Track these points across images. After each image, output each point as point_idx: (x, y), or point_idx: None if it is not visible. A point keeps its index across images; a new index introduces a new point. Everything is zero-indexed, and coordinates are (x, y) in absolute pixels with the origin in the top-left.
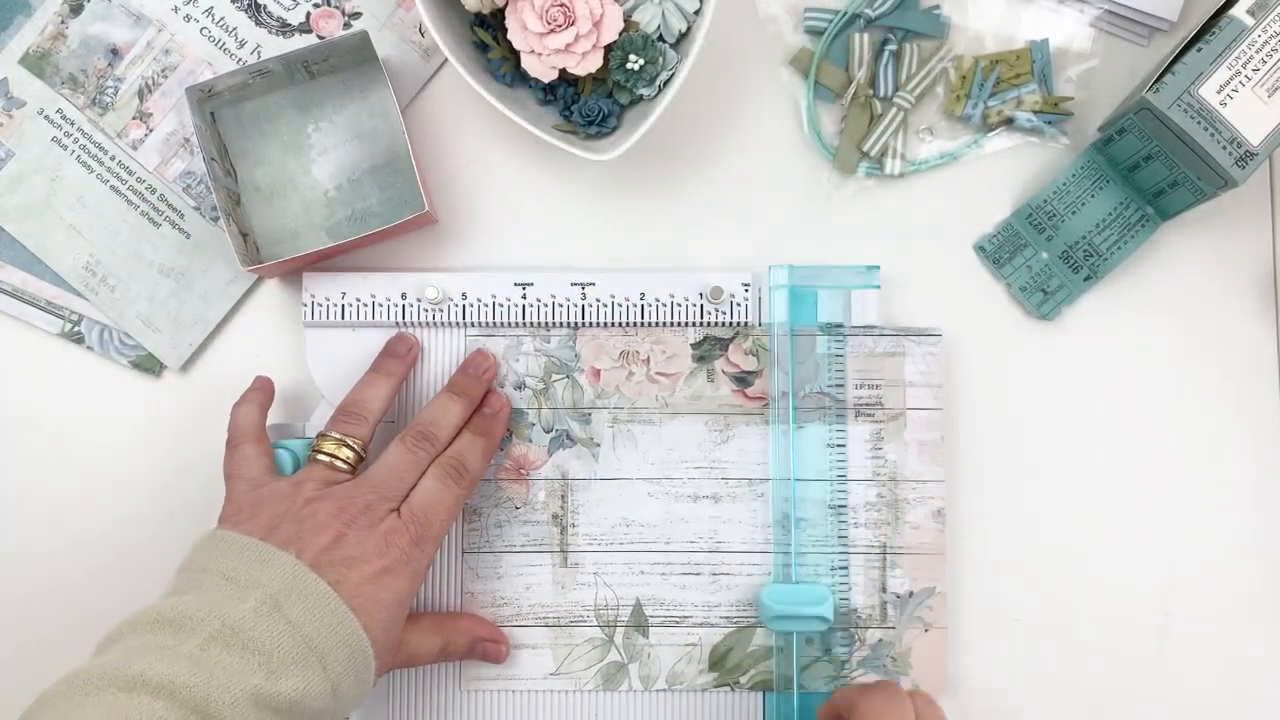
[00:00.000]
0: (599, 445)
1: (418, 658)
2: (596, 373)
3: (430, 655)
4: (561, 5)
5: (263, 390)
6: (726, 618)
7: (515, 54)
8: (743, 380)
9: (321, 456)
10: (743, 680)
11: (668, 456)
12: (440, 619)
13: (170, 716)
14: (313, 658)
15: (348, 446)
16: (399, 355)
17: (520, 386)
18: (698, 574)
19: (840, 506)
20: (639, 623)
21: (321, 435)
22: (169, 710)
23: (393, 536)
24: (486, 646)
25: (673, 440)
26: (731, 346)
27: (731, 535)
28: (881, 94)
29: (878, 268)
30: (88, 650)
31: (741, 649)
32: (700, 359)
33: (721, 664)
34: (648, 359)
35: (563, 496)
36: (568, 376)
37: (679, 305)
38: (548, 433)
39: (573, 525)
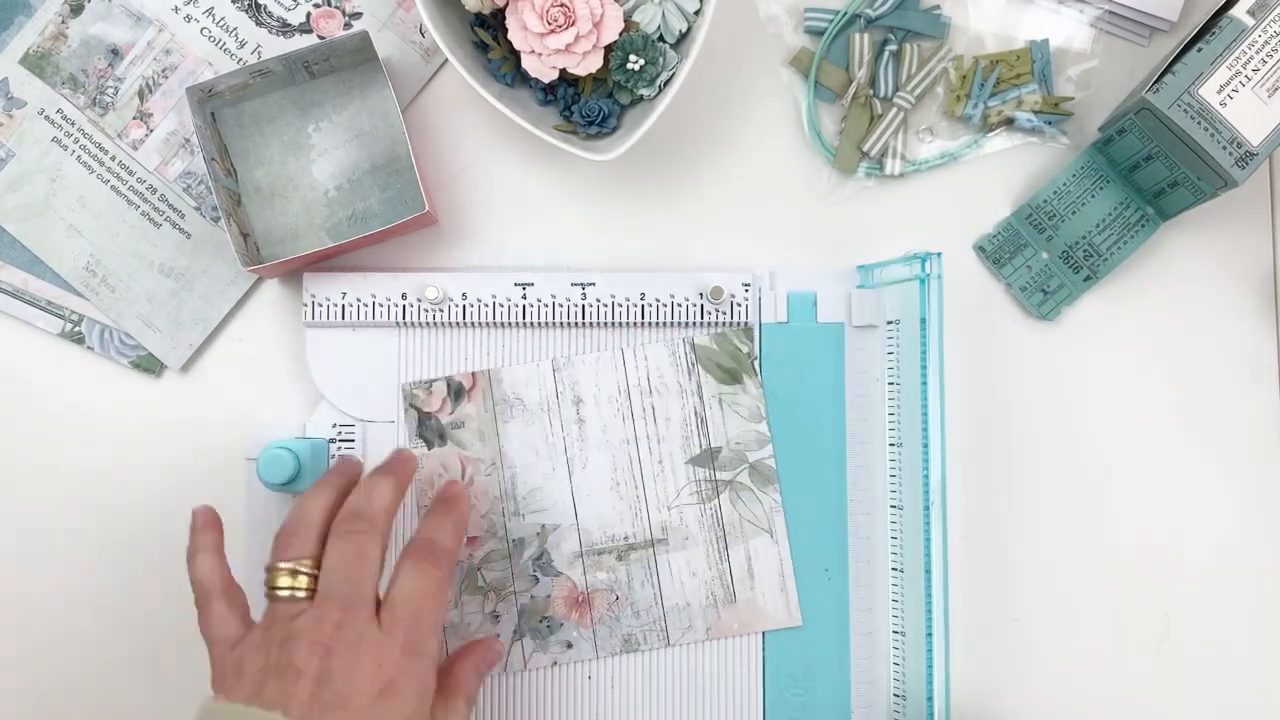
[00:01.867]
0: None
1: None
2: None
3: (463, 716)
4: (562, 5)
5: (210, 528)
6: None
7: (515, 54)
8: None
9: (281, 592)
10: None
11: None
12: (444, 685)
13: None
14: None
15: (301, 572)
16: (343, 472)
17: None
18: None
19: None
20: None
21: (270, 569)
22: None
23: (380, 653)
24: (488, 660)
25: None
26: None
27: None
28: (881, 94)
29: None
30: (87, 651)
31: None
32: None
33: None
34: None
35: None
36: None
37: (679, 305)
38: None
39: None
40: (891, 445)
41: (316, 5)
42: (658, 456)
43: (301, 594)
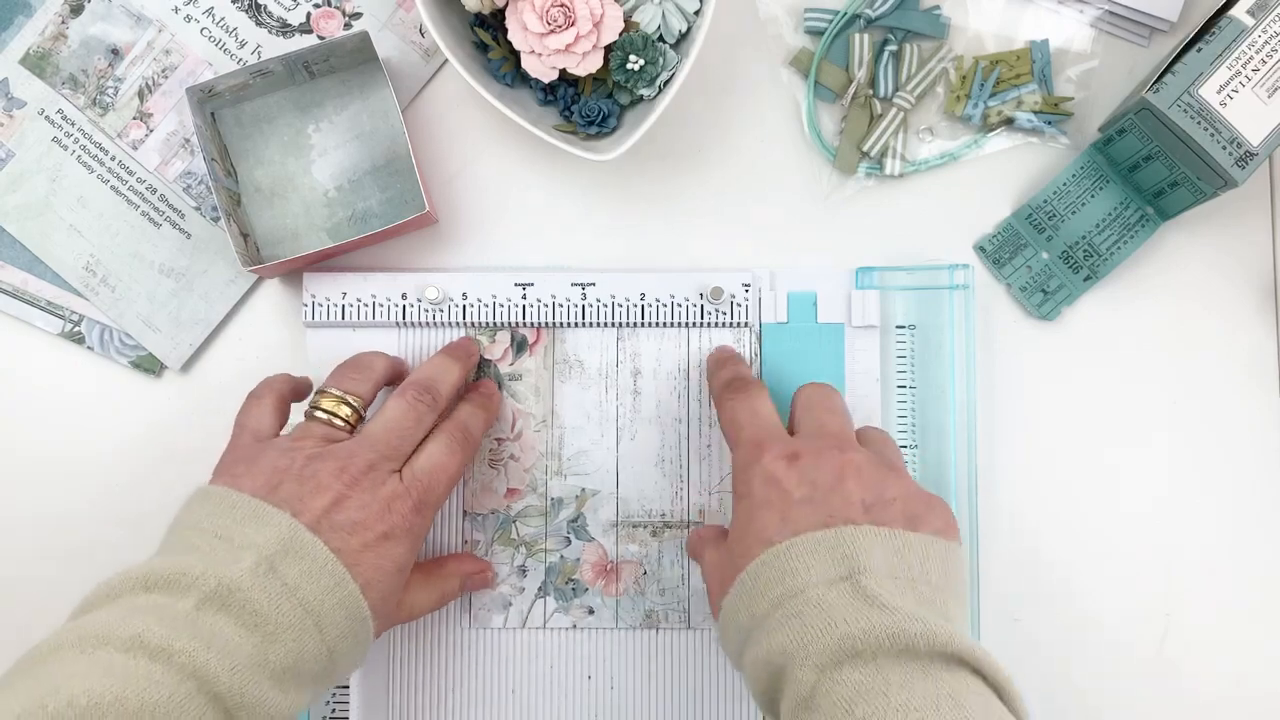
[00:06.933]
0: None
1: (417, 612)
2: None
3: (428, 607)
4: (562, 5)
5: (304, 382)
6: None
7: (515, 54)
8: None
9: (319, 414)
10: None
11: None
12: (429, 569)
13: (166, 681)
14: (309, 621)
15: (347, 404)
16: (394, 365)
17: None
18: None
19: None
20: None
21: (320, 391)
22: (165, 674)
23: (395, 502)
24: (475, 579)
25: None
26: None
27: None
28: (881, 94)
29: (968, 266)
30: None
31: None
32: None
33: None
34: None
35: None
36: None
37: (679, 305)
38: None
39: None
40: (903, 448)
41: (316, 5)
42: (707, 440)
43: (338, 423)
